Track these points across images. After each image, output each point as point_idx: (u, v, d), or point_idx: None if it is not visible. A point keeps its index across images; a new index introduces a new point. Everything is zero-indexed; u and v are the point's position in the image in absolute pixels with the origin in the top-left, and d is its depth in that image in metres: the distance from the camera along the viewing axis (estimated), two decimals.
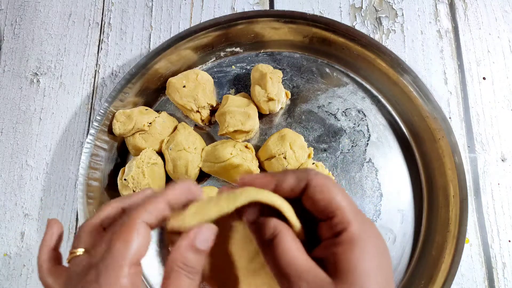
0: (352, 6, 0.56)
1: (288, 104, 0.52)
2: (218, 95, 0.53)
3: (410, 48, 0.54)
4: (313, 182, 0.23)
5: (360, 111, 0.51)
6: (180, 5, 0.58)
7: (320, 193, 0.23)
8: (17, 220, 0.52)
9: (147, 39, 0.57)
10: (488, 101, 0.52)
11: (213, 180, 0.50)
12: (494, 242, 0.48)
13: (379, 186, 0.49)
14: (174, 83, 0.49)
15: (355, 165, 0.49)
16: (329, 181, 0.24)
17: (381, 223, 0.47)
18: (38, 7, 0.60)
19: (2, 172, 0.53)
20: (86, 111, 0.55)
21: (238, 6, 0.57)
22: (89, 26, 0.58)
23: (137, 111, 0.49)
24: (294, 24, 0.51)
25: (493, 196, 0.49)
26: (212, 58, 0.54)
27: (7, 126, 0.55)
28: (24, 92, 0.56)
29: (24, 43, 0.58)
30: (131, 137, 0.49)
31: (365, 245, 0.22)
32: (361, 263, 0.21)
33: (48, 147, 0.54)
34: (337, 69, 0.53)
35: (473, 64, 0.53)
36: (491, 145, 0.51)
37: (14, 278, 0.50)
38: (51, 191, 0.52)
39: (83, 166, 0.48)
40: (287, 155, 0.45)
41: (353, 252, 0.21)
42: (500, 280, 0.47)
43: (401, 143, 0.50)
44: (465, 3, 0.56)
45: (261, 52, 0.54)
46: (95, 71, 0.56)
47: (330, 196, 0.23)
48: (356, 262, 0.21)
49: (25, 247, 0.51)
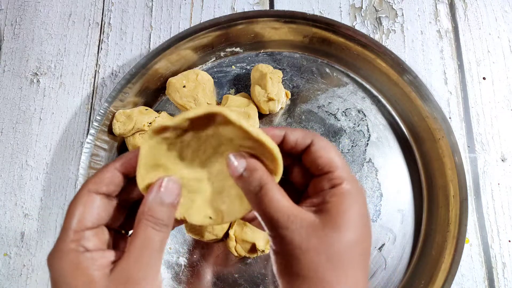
0: (352, 6, 0.56)
1: (288, 104, 0.52)
2: (218, 95, 0.53)
3: (410, 48, 0.54)
4: (318, 141, 0.26)
5: (360, 111, 0.51)
6: (180, 5, 0.58)
7: (323, 151, 0.26)
8: (17, 220, 0.52)
9: (147, 39, 0.57)
10: (488, 101, 0.52)
11: None
12: (494, 242, 0.48)
13: (379, 186, 0.49)
14: (174, 83, 0.49)
15: (355, 165, 0.49)
16: (331, 144, 0.27)
17: (381, 223, 0.47)
18: (38, 7, 0.60)
19: (2, 172, 0.53)
20: (86, 111, 0.55)
21: (238, 6, 0.57)
22: (89, 26, 0.58)
23: (137, 111, 0.49)
24: (294, 24, 0.51)
25: (493, 196, 0.49)
26: (212, 58, 0.54)
27: (7, 126, 0.55)
28: (24, 92, 0.56)
29: (24, 43, 0.58)
30: (131, 137, 0.49)
31: (354, 198, 0.25)
32: (349, 211, 0.24)
33: (48, 147, 0.54)
34: (337, 69, 0.53)
35: (473, 64, 0.54)
36: (491, 145, 0.51)
37: (14, 278, 0.50)
38: (51, 191, 0.52)
39: (83, 166, 0.48)
40: None
41: (344, 202, 0.24)
42: (500, 280, 0.47)
43: (401, 143, 0.50)
44: (465, 3, 0.56)
45: (261, 52, 0.54)
46: (95, 71, 0.56)
47: (331, 156, 0.26)
48: (346, 209, 0.24)
49: (25, 247, 0.51)
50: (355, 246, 0.24)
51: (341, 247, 0.23)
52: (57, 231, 0.51)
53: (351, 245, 0.24)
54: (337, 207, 0.24)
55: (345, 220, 0.24)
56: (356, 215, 0.24)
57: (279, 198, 0.24)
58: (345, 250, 0.24)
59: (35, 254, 0.50)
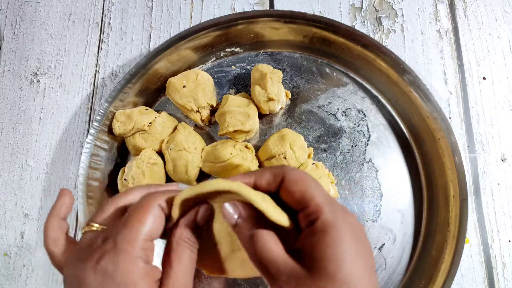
0: (352, 6, 0.56)
1: (288, 104, 0.52)
2: (218, 95, 0.53)
3: (410, 48, 0.54)
4: (288, 176, 0.25)
5: (360, 111, 0.51)
6: (180, 5, 0.58)
7: (294, 185, 0.25)
8: (17, 220, 0.52)
9: (147, 39, 0.57)
10: (488, 101, 0.52)
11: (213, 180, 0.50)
12: (494, 242, 0.48)
13: (379, 186, 0.49)
14: (174, 83, 0.49)
15: (355, 165, 0.49)
16: (304, 175, 0.25)
17: (381, 223, 0.47)
18: (38, 7, 0.60)
19: (2, 172, 0.53)
20: (86, 111, 0.55)
21: (238, 6, 0.57)
22: (89, 26, 0.58)
23: (137, 111, 0.49)
24: (294, 24, 0.51)
25: (493, 196, 0.49)
26: (212, 58, 0.54)
27: (7, 126, 0.55)
28: (24, 92, 0.56)
29: (24, 43, 0.58)
30: (131, 137, 0.49)
31: (338, 233, 0.22)
32: (334, 250, 0.21)
33: (48, 147, 0.54)
34: (337, 69, 0.53)
35: (473, 64, 0.53)
36: (491, 145, 0.51)
37: (14, 278, 0.50)
38: (51, 191, 0.52)
39: (83, 166, 0.48)
40: (287, 155, 0.45)
41: (325, 240, 0.22)
42: (500, 280, 0.47)
43: (401, 143, 0.50)
44: (465, 3, 0.56)
45: (261, 52, 0.54)
46: (95, 71, 0.56)
47: (304, 188, 0.24)
48: (329, 249, 0.21)
49: (25, 247, 0.51)
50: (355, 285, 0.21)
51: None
52: None
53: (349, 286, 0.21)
54: (320, 249, 0.22)
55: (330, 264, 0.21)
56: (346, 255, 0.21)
57: (270, 247, 0.23)
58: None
59: (35, 254, 0.50)
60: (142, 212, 0.25)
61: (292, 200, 0.25)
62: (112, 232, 0.25)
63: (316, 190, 0.24)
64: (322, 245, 0.22)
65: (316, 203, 0.23)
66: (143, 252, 0.24)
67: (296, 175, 0.25)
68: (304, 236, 0.23)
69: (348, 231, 0.22)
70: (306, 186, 0.24)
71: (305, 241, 0.23)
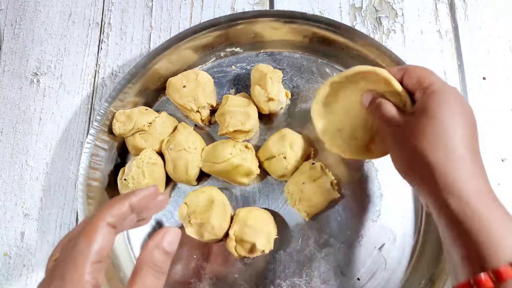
0: (352, 6, 0.56)
1: (288, 104, 0.52)
2: (218, 95, 0.53)
3: (410, 48, 0.54)
4: (409, 67, 0.36)
5: None
6: (180, 5, 0.58)
7: (413, 72, 0.35)
8: (17, 220, 0.52)
9: (147, 39, 0.57)
10: (488, 101, 0.52)
11: (213, 180, 0.50)
12: None
13: (379, 186, 0.49)
14: (174, 83, 0.49)
15: (355, 165, 0.49)
16: (419, 66, 0.36)
17: (381, 223, 0.47)
18: (38, 7, 0.60)
19: (2, 172, 0.53)
20: (86, 111, 0.55)
21: (238, 6, 0.57)
22: (89, 26, 0.58)
23: (137, 111, 0.49)
24: (294, 24, 0.51)
25: None
26: (212, 58, 0.54)
27: (7, 126, 0.55)
28: (24, 92, 0.56)
29: (24, 43, 0.58)
30: (131, 137, 0.49)
31: (444, 95, 0.32)
32: (437, 100, 0.32)
33: (48, 147, 0.54)
34: (337, 69, 0.53)
35: (473, 64, 0.53)
36: (491, 145, 0.51)
37: (14, 278, 0.50)
38: (51, 191, 0.52)
39: (83, 166, 0.48)
40: (287, 155, 0.45)
41: (432, 96, 0.32)
42: None
43: None
44: (465, 3, 0.56)
45: (261, 52, 0.54)
46: (95, 71, 0.56)
47: (420, 73, 0.35)
48: (434, 100, 0.32)
49: (25, 247, 0.51)
50: (448, 123, 0.31)
51: (438, 131, 0.30)
52: (57, 231, 0.51)
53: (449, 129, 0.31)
54: (427, 102, 0.32)
55: (434, 108, 0.31)
56: (446, 103, 0.31)
57: (390, 109, 0.36)
58: (440, 133, 0.30)
59: (35, 254, 0.50)
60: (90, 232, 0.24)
61: (412, 83, 0.35)
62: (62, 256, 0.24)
63: (430, 73, 0.34)
64: (430, 99, 0.32)
65: (428, 78, 0.34)
66: (90, 277, 0.23)
67: (414, 66, 0.36)
68: (417, 100, 0.34)
69: (452, 95, 0.33)
70: (423, 72, 0.35)
71: (417, 105, 0.34)
